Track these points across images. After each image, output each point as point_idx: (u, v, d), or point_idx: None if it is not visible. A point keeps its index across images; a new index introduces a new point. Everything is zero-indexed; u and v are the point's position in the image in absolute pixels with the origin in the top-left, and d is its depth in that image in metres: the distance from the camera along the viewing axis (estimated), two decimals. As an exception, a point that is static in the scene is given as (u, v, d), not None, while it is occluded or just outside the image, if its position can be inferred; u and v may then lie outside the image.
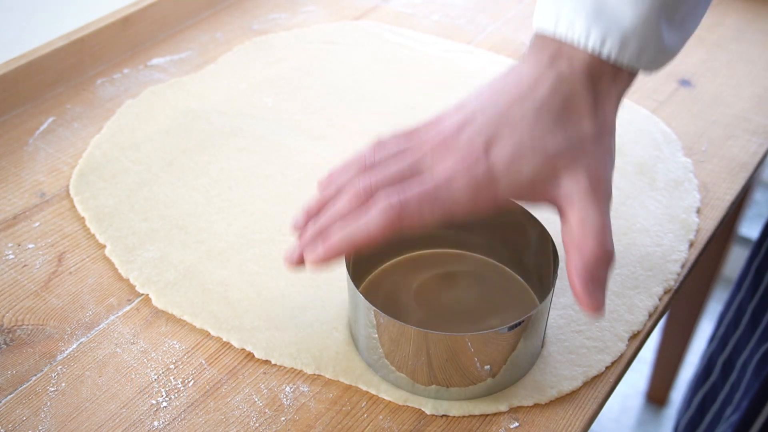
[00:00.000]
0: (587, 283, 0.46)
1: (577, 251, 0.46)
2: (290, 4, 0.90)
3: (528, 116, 0.47)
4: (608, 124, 0.49)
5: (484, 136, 0.47)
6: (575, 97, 0.48)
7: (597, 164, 0.47)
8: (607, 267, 0.47)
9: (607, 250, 0.46)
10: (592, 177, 0.47)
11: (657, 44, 0.48)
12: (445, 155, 0.47)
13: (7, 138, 0.71)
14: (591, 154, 0.47)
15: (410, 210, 0.45)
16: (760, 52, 0.84)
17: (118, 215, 0.63)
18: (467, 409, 0.51)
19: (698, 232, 0.63)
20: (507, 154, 0.47)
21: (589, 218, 0.46)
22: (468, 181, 0.46)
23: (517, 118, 0.47)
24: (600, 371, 0.53)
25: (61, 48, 0.76)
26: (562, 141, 0.47)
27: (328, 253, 0.46)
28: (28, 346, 0.54)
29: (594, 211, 0.46)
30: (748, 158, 0.70)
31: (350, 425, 0.50)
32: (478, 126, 0.48)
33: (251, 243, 0.61)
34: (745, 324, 0.85)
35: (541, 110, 0.47)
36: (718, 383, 0.89)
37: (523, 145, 0.47)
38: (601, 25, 0.47)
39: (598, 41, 0.47)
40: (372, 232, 0.45)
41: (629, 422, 1.45)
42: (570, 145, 0.47)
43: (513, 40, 0.85)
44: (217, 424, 0.50)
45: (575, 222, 0.47)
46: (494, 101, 0.48)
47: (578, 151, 0.47)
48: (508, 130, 0.47)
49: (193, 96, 0.76)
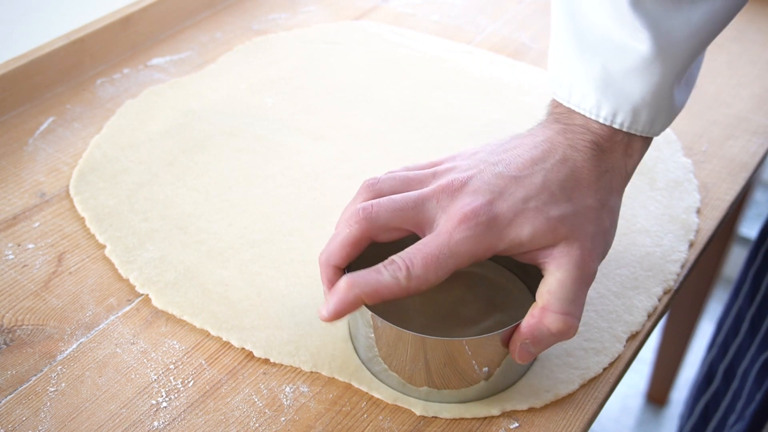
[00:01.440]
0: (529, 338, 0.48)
1: (543, 308, 0.47)
2: (290, 4, 0.90)
3: (537, 178, 0.48)
4: (611, 203, 0.50)
5: (490, 190, 0.48)
6: (585, 173, 0.49)
7: (591, 244, 0.48)
8: (562, 338, 0.48)
9: (571, 322, 0.47)
10: (584, 253, 0.48)
11: (669, 109, 0.49)
12: (450, 204, 0.48)
13: (7, 138, 0.71)
14: (589, 232, 0.48)
15: (417, 274, 0.46)
16: (760, 52, 0.84)
17: (118, 215, 0.63)
18: (458, 412, 0.50)
19: (698, 232, 0.63)
20: (511, 210, 0.47)
21: (567, 286, 0.47)
22: (468, 233, 0.47)
23: (527, 177, 0.48)
24: (597, 373, 0.53)
25: (61, 48, 0.76)
26: (566, 212, 0.48)
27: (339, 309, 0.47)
28: (28, 346, 0.54)
29: (575, 284, 0.47)
30: (748, 158, 0.70)
31: (350, 425, 0.50)
32: (486, 179, 0.48)
33: (251, 243, 0.61)
34: (745, 331, 0.85)
35: (550, 173, 0.48)
36: (720, 391, 0.89)
37: (528, 207, 0.47)
38: (611, 99, 0.48)
39: (609, 115, 0.49)
40: (383, 294, 0.46)
41: (629, 422, 1.45)
42: (573, 212, 0.48)
43: (513, 40, 0.85)
44: (217, 425, 0.50)
45: (554, 286, 0.47)
46: (506, 160, 0.49)
47: (580, 222, 0.48)
48: (515, 188, 0.48)
49: (193, 96, 0.76)
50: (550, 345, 0.48)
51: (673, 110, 0.50)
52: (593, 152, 0.49)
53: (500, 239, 0.47)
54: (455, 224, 0.47)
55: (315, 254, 0.53)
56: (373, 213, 0.48)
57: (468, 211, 0.47)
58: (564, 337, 0.48)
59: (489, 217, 0.47)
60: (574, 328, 0.48)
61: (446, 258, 0.46)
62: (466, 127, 0.72)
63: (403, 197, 0.49)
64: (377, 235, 0.49)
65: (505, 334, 0.48)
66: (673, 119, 0.51)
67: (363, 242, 0.49)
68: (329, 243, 0.49)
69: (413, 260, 0.46)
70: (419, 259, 0.46)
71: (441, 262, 0.46)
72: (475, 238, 0.46)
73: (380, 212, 0.48)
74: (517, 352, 0.48)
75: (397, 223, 0.48)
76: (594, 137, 0.49)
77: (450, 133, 0.72)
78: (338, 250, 0.49)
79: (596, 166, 0.49)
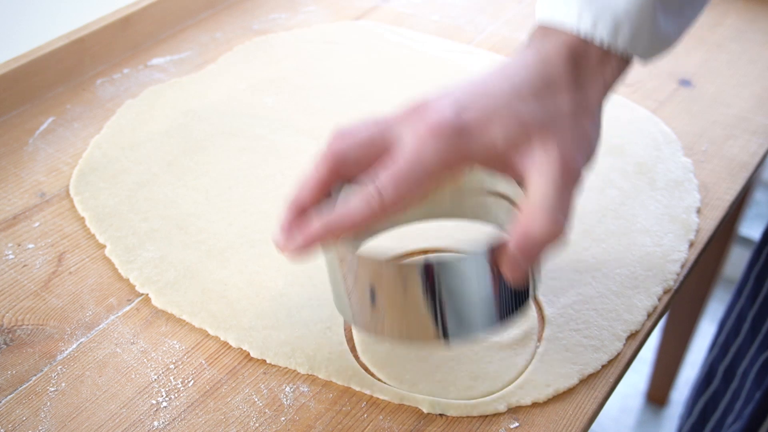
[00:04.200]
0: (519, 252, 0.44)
1: (525, 217, 0.44)
2: (290, 4, 0.90)
3: (505, 88, 0.46)
4: (589, 106, 0.47)
5: (459, 104, 0.46)
6: (556, 77, 0.47)
7: (571, 143, 0.46)
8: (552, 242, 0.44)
9: (556, 223, 0.44)
10: (565, 157, 0.45)
11: (651, 30, 0.47)
12: (416, 121, 0.46)
13: (7, 138, 0.71)
14: (567, 131, 0.46)
15: (389, 195, 0.44)
16: (760, 52, 0.84)
17: (118, 215, 0.63)
18: (465, 410, 0.51)
19: (698, 232, 0.63)
20: (479, 116, 0.45)
21: (547, 189, 0.44)
22: (438, 146, 0.45)
23: (495, 88, 0.46)
24: (596, 369, 0.53)
25: (61, 48, 0.76)
26: (537, 110, 0.45)
27: (307, 241, 0.46)
28: (28, 346, 0.54)
29: (554, 185, 0.44)
30: (748, 158, 0.70)
31: (350, 425, 0.50)
32: (453, 97, 0.46)
33: (251, 243, 0.61)
34: (746, 332, 0.85)
35: (522, 84, 0.46)
36: (719, 391, 0.89)
37: (498, 111, 0.45)
38: (593, 9, 0.47)
39: (589, 25, 0.47)
40: (356, 222, 0.45)
41: (629, 422, 1.45)
42: (545, 115, 0.45)
43: (513, 40, 0.85)
44: (217, 424, 0.50)
45: (535, 192, 0.44)
46: (475, 80, 0.48)
47: (553, 124, 0.45)
48: (484, 99, 0.46)
49: (193, 96, 0.76)
50: (539, 255, 0.44)
51: (657, 34, 0.48)
52: (563, 59, 0.47)
53: (473, 146, 0.45)
54: (424, 138, 0.45)
55: (315, 254, 0.53)
56: (339, 147, 0.47)
57: (435, 123, 0.45)
58: (554, 241, 0.44)
59: (458, 127, 0.45)
60: (563, 228, 0.44)
61: (419, 173, 0.44)
62: (466, 127, 0.72)
63: (368, 128, 0.47)
64: (346, 171, 0.47)
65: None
66: (660, 49, 0.49)
67: (331, 180, 0.47)
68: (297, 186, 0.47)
69: (384, 182, 0.44)
70: (388, 178, 0.44)
71: (413, 179, 0.44)
72: (446, 149, 0.45)
73: (347, 146, 0.47)
74: (508, 268, 0.45)
75: (366, 156, 0.46)
76: (568, 51, 0.47)
77: (450, 133, 0.72)
78: (305, 190, 0.47)
79: (567, 71, 0.47)
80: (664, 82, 0.79)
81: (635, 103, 0.76)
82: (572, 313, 0.56)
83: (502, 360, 0.53)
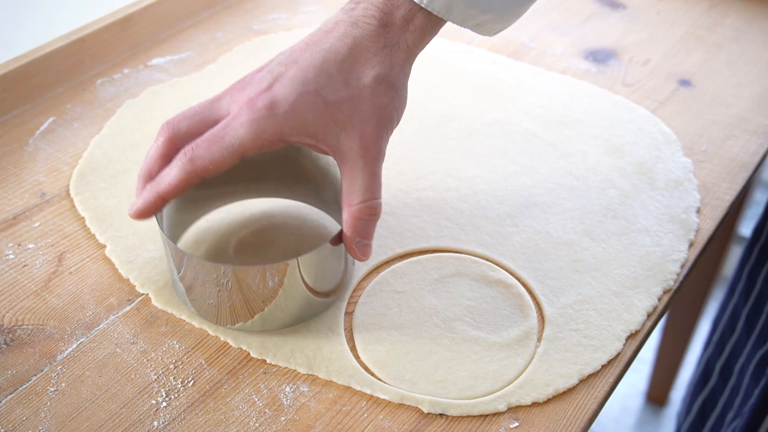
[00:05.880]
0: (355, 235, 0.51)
1: (347, 206, 0.51)
2: (290, 4, 0.90)
3: (316, 59, 0.51)
4: (391, 74, 0.52)
5: (272, 76, 0.51)
6: (363, 42, 0.51)
7: (372, 122, 0.51)
8: (372, 220, 0.51)
9: (371, 204, 0.51)
10: (364, 138, 0.50)
11: None
12: (239, 95, 0.51)
13: (7, 138, 0.71)
14: (367, 112, 0.51)
15: (200, 155, 0.49)
16: (760, 52, 0.84)
17: (118, 215, 0.63)
18: (465, 410, 0.51)
19: (698, 232, 0.63)
20: (290, 93, 0.50)
21: (357, 177, 0.50)
22: (250, 115, 0.49)
23: (306, 60, 0.51)
24: (596, 369, 0.53)
25: (61, 48, 0.76)
26: (341, 91, 0.50)
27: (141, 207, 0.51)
28: (28, 346, 0.54)
29: (363, 171, 0.50)
30: (748, 158, 0.70)
31: (350, 425, 0.50)
32: (270, 67, 0.52)
33: (251, 243, 0.61)
34: (741, 329, 0.85)
35: (329, 53, 0.51)
36: (717, 388, 0.89)
37: (307, 88, 0.50)
38: None
39: None
40: (173, 182, 0.50)
41: (629, 422, 1.45)
42: (349, 96, 0.50)
43: (513, 40, 0.85)
44: (217, 424, 0.50)
45: (346, 179, 0.51)
46: (292, 48, 0.52)
47: (356, 105, 0.50)
48: (295, 69, 0.50)
49: (193, 96, 0.76)
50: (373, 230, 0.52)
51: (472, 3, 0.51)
52: (374, 27, 0.51)
53: (285, 124, 0.50)
54: (238, 110, 0.50)
55: (315, 254, 0.53)
56: (174, 122, 0.52)
57: (249, 97, 0.50)
58: (375, 219, 0.52)
59: (269, 101, 0.49)
60: (377, 208, 0.51)
61: (230, 139, 0.49)
62: (466, 127, 0.72)
63: (200, 103, 0.53)
64: (182, 138, 0.52)
65: None
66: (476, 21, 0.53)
67: (171, 152, 0.52)
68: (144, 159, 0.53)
69: (198, 143, 0.50)
70: (203, 140, 0.50)
71: (224, 143, 0.49)
72: (257, 122, 0.49)
73: (180, 119, 0.52)
74: (357, 250, 0.52)
75: (197, 126, 0.52)
76: (376, 12, 0.51)
77: (450, 133, 0.72)
78: (150, 163, 0.52)
79: (376, 40, 0.51)
80: (664, 82, 0.79)
81: (635, 103, 0.76)
82: (572, 313, 0.56)
83: (502, 360, 0.53)
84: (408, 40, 0.52)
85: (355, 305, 0.57)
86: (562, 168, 0.68)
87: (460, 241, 0.61)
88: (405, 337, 0.55)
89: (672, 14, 0.90)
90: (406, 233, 0.62)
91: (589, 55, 0.83)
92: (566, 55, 0.83)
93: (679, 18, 0.89)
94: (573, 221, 0.63)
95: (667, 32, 0.87)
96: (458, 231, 0.62)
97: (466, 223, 0.63)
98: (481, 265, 0.59)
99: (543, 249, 0.61)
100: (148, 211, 0.51)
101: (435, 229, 0.62)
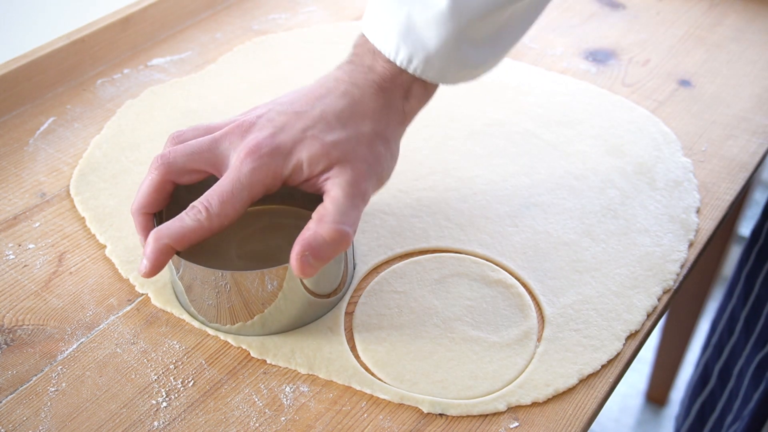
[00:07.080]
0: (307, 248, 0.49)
1: (317, 220, 0.50)
2: (290, 4, 0.90)
3: (315, 113, 0.52)
4: (387, 134, 0.54)
5: (274, 125, 0.52)
6: (363, 100, 0.53)
7: (363, 167, 0.52)
8: (334, 244, 0.50)
9: (343, 230, 0.50)
10: (355, 174, 0.51)
11: (461, 63, 0.53)
12: (239, 143, 0.52)
13: (7, 138, 0.71)
14: (362, 156, 0.52)
15: (215, 210, 0.50)
16: (760, 52, 0.84)
17: (118, 215, 0.63)
18: (465, 410, 0.51)
19: (698, 232, 0.63)
20: (291, 139, 0.51)
21: (339, 203, 0.50)
22: (254, 163, 0.50)
23: (306, 114, 0.52)
24: (596, 369, 0.53)
25: (62, 48, 0.76)
26: (340, 135, 0.52)
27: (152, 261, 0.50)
28: (28, 346, 0.54)
29: (345, 200, 0.50)
30: (748, 158, 0.70)
31: (350, 425, 0.50)
32: (271, 116, 0.53)
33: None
34: (739, 331, 0.85)
35: (329, 107, 0.53)
36: (716, 391, 0.89)
37: (306, 134, 0.51)
38: (409, 45, 0.52)
39: (405, 59, 0.53)
40: (187, 237, 0.50)
41: (629, 422, 1.45)
42: (347, 138, 0.52)
43: (513, 40, 0.85)
44: (217, 424, 0.50)
45: (327, 202, 0.51)
46: (292, 100, 0.54)
47: (353, 147, 0.52)
48: (296, 121, 0.52)
49: (193, 96, 0.76)
50: (328, 256, 0.50)
51: (464, 65, 0.54)
52: (373, 90, 0.53)
53: (284, 166, 0.51)
54: (242, 158, 0.50)
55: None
56: (170, 158, 0.52)
57: (253, 145, 0.51)
58: (340, 246, 0.50)
59: (272, 148, 0.51)
60: (348, 236, 0.50)
61: (239, 191, 0.50)
62: (466, 127, 0.72)
63: (198, 141, 0.53)
64: (178, 178, 0.52)
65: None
66: (470, 76, 0.55)
67: (166, 186, 0.52)
68: (137, 193, 0.53)
69: (210, 201, 0.50)
70: (215, 197, 0.50)
71: (236, 196, 0.50)
72: (261, 168, 0.50)
73: (177, 156, 0.52)
74: (298, 265, 0.49)
75: (193, 165, 0.52)
76: (376, 77, 0.54)
77: (450, 133, 0.72)
78: (144, 197, 0.52)
79: (374, 101, 0.53)
80: (664, 82, 0.79)
81: (635, 103, 0.76)
82: (572, 313, 0.56)
83: (502, 360, 0.53)
84: (405, 107, 0.55)
85: (355, 305, 0.57)
86: (562, 168, 0.68)
87: (460, 242, 0.61)
88: (405, 337, 0.55)
89: (672, 14, 0.90)
90: (406, 233, 0.62)
91: (589, 55, 0.83)
92: (566, 55, 0.83)
93: (678, 18, 0.89)
94: (573, 221, 0.63)
95: (666, 32, 0.87)
96: (458, 231, 0.62)
97: (466, 223, 0.63)
98: (481, 265, 0.59)
99: (543, 249, 0.61)
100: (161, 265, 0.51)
101: (435, 229, 0.62)
